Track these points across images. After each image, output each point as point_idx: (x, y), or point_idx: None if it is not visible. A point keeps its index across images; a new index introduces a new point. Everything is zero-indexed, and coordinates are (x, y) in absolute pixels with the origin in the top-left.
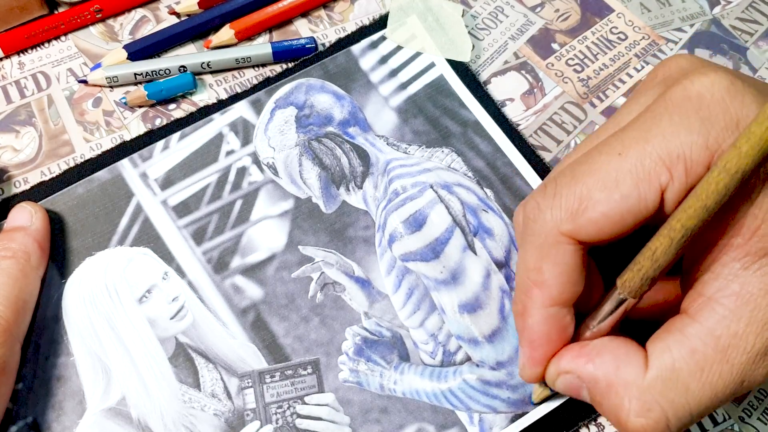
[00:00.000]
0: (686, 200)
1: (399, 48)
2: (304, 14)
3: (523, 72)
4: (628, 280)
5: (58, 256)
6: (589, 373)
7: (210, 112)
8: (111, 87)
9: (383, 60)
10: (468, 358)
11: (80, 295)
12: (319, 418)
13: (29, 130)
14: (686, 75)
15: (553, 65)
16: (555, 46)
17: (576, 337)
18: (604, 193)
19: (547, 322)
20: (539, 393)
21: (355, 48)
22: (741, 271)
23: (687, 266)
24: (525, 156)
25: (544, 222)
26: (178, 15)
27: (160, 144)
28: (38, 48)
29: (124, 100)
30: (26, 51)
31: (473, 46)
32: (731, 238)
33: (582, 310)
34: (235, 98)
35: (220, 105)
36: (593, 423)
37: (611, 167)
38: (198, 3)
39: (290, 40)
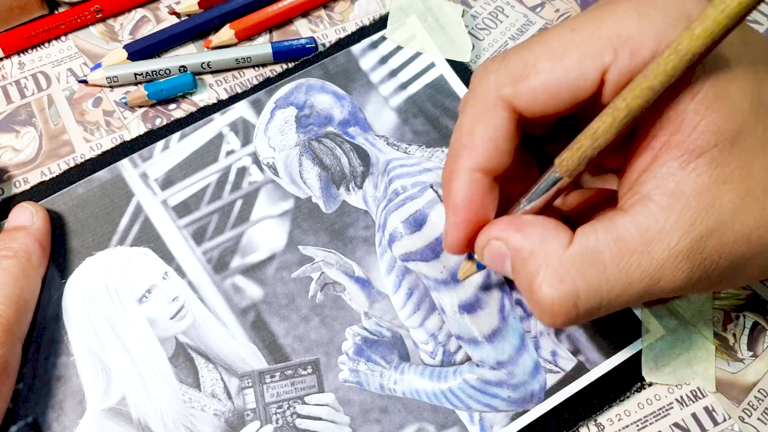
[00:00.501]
0: (633, 81)
1: (399, 48)
2: (304, 14)
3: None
4: (566, 159)
5: (58, 256)
6: (517, 242)
7: (210, 112)
8: (111, 87)
9: (383, 60)
10: (468, 358)
11: (80, 295)
12: (319, 418)
13: (29, 130)
14: None
15: None
16: None
17: (507, 213)
18: (549, 63)
19: (470, 186)
20: (466, 269)
21: (355, 48)
22: (678, 170)
23: (627, 168)
24: None
25: (486, 84)
26: (178, 15)
27: (160, 144)
28: (38, 48)
29: (124, 100)
30: (26, 51)
31: (473, 46)
32: (672, 135)
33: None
34: (235, 98)
35: (220, 105)
36: (593, 423)
37: (561, 40)
38: (198, 3)
39: (290, 40)
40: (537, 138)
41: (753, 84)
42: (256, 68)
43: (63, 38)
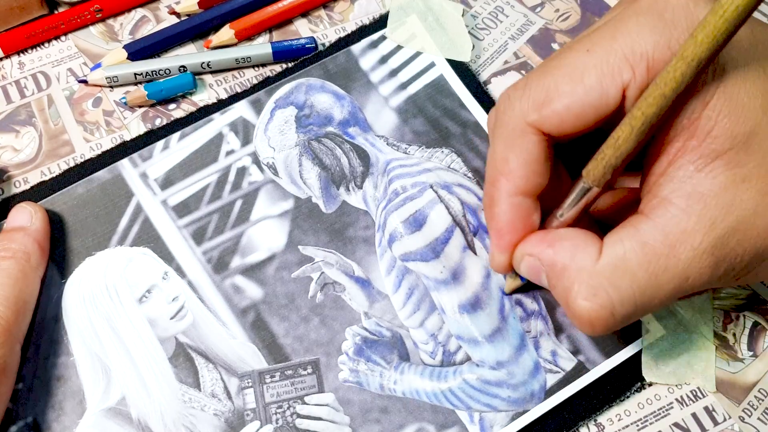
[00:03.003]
0: (647, 90)
1: (399, 48)
2: (304, 14)
3: (524, 72)
4: (592, 169)
5: (58, 256)
6: (549, 257)
7: (210, 112)
8: (111, 87)
9: (383, 60)
10: (468, 358)
11: (80, 295)
12: (319, 418)
13: (29, 130)
14: None
15: None
16: (555, 46)
17: (543, 227)
18: (569, 86)
19: (512, 211)
20: (510, 283)
21: (355, 48)
22: (694, 173)
23: (646, 171)
24: None
25: (512, 113)
26: (178, 15)
27: (160, 144)
28: (38, 48)
29: (124, 100)
30: (26, 51)
31: (473, 46)
32: (687, 140)
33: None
34: (235, 98)
35: (220, 105)
36: (593, 423)
37: (578, 62)
38: (198, 3)
39: (290, 40)
40: (571, 146)
41: (764, 85)
42: (256, 68)
43: (63, 38)
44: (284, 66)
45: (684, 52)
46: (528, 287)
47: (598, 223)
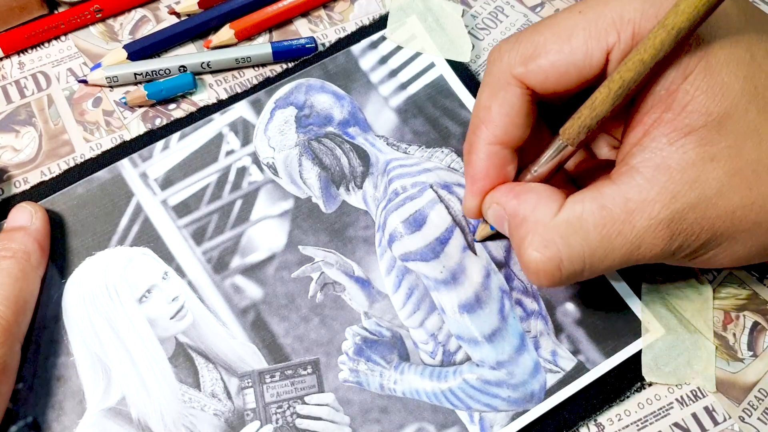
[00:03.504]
0: (628, 55)
1: (399, 48)
2: (304, 14)
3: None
4: (569, 128)
5: (58, 256)
6: (512, 207)
7: (210, 112)
8: (111, 87)
9: (383, 60)
10: (468, 358)
11: (80, 294)
12: (319, 418)
13: (29, 130)
14: None
15: None
16: None
17: (517, 180)
18: (557, 44)
19: (488, 159)
20: (481, 230)
21: (355, 48)
22: (666, 146)
23: (622, 140)
24: None
25: (500, 64)
26: (178, 15)
27: (160, 144)
28: (38, 48)
29: (124, 100)
30: (26, 51)
31: (473, 46)
32: (663, 112)
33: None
34: (235, 98)
35: (220, 105)
36: (593, 423)
37: (569, 22)
38: (198, 3)
39: (290, 40)
40: (558, 109)
41: (748, 67)
42: (256, 68)
43: (63, 38)
44: (284, 66)
45: (665, 20)
46: (497, 236)
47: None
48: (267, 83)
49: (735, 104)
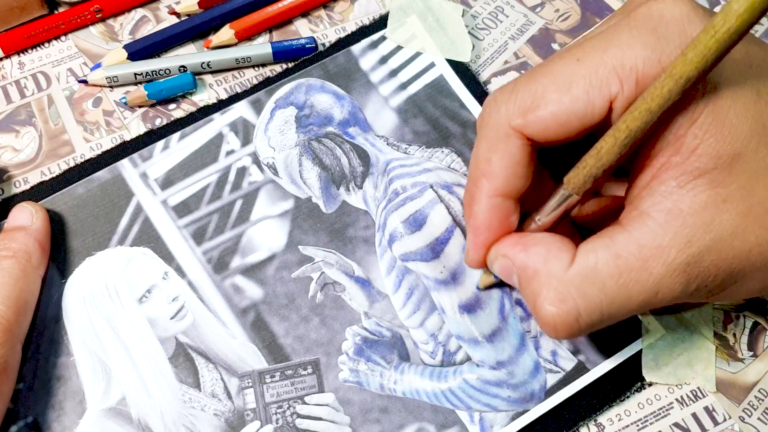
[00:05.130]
0: (634, 104)
1: (399, 48)
2: (304, 14)
3: (524, 72)
4: (573, 177)
5: (58, 256)
6: (521, 260)
7: (210, 112)
8: (111, 87)
9: (383, 60)
10: (468, 358)
11: (80, 295)
12: (319, 418)
13: (29, 130)
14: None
15: None
16: (555, 46)
17: (521, 229)
18: (556, 94)
19: (490, 211)
20: (484, 279)
21: (355, 48)
22: (676, 189)
23: (631, 183)
24: None
25: (498, 115)
26: (178, 15)
27: (160, 144)
28: (38, 48)
29: (124, 100)
30: (26, 51)
31: (473, 46)
32: (671, 156)
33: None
34: (235, 98)
35: (220, 105)
36: (593, 423)
37: (567, 71)
38: (198, 3)
39: (290, 40)
40: (557, 152)
41: (755, 107)
42: (256, 68)
43: (63, 38)
44: (284, 66)
45: (673, 69)
46: (502, 284)
47: (580, 229)
48: (267, 83)
49: (745, 145)
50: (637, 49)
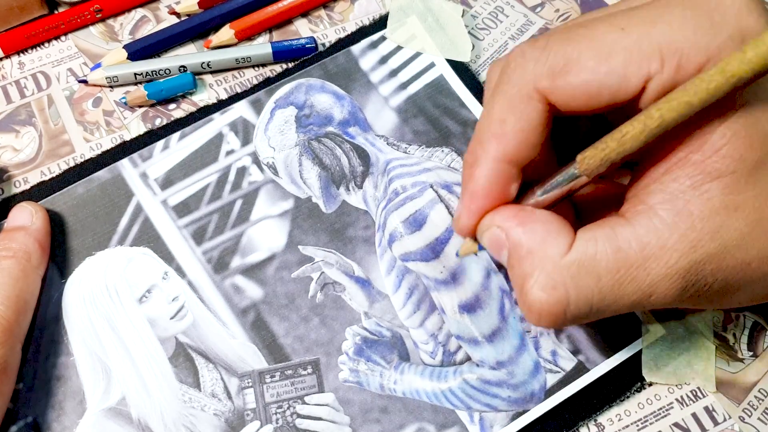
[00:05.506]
0: (672, 92)
1: (399, 48)
2: (304, 14)
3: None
4: (589, 157)
5: (58, 256)
6: (516, 236)
7: (210, 112)
8: (111, 87)
9: (383, 60)
10: (468, 358)
11: (80, 295)
12: (319, 418)
13: (29, 130)
14: None
15: None
16: None
17: (518, 202)
18: (593, 62)
19: (493, 176)
20: (466, 247)
21: (355, 48)
22: (689, 189)
23: (640, 173)
24: None
25: (524, 72)
26: (178, 15)
27: (160, 144)
28: (38, 48)
29: (124, 100)
30: (26, 51)
31: (473, 46)
32: (691, 153)
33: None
34: (235, 98)
35: (220, 105)
36: (593, 423)
37: (609, 38)
38: (198, 3)
39: (290, 40)
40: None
41: None
42: (256, 68)
43: (63, 38)
44: (284, 66)
45: (726, 65)
46: (481, 252)
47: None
48: (267, 83)
49: None
50: (687, 30)
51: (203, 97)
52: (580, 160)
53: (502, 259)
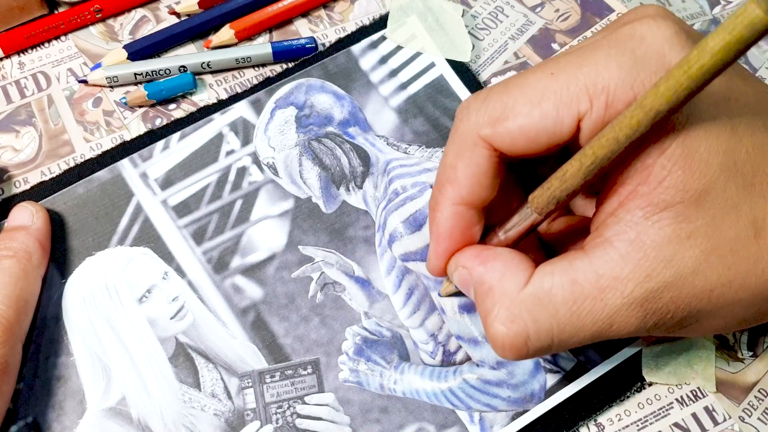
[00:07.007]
0: (603, 130)
1: (399, 48)
2: (304, 14)
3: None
4: (537, 196)
5: (58, 256)
6: (478, 274)
7: (210, 112)
8: (111, 87)
9: (383, 60)
10: (468, 358)
11: (80, 294)
12: (319, 418)
13: (29, 130)
14: (640, 18)
15: None
16: (555, 46)
17: (484, 242)
18: (526, 107)
19: (453, 219)
20: (446, 287)
21: (355, 48)
22: (641, 220)
23: (598, 207)
24: None
25: (468, 122)
26: (178, 15)
27: (160, 144)
28: (38, 48)
29: (124, 100)
30: (26, 51)
31: (473, 46)
32: (638, 185)
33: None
34: (235, 98)
35: (220, 105)
36: (593, 423)
37: (540, 84)
38: (198, 3)
39: (290, 40)
40: (531, 164)
41: (728, 143)
42: (256, 68)
43: (63, 38)
44: (284, 66)
45: (644, 100)
46: (463, 294)
47: (547, 247)
48: (267, 83)
49: (713, 181)
50: (611, 69)
51: (203, 97)
52: (531, 200)
53: (471, 297)
